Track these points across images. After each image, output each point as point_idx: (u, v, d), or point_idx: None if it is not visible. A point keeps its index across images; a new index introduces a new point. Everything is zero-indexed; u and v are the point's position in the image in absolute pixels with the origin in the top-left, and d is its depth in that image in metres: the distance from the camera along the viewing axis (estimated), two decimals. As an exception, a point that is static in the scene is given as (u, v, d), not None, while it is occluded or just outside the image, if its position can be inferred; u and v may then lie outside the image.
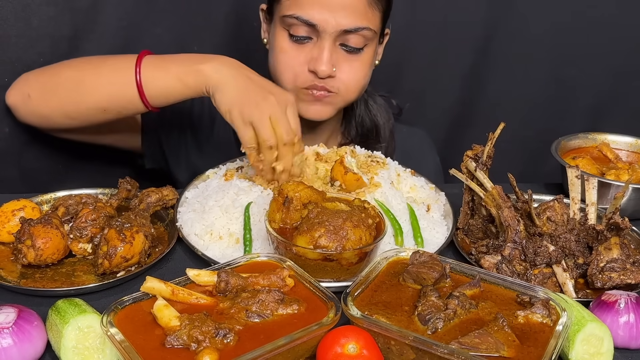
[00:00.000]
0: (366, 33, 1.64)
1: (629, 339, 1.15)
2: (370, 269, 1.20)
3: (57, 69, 1.63)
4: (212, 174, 1.62)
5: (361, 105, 1.92)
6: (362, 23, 1.62)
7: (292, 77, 1.68)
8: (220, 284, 1.10)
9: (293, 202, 1.28)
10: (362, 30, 1.62)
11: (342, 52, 1.66)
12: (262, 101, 1.41)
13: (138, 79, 1.50)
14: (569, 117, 2.54)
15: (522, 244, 1.32)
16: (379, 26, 1.69)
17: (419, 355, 1.04)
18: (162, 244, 1.41)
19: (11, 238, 1.33)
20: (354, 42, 1.64)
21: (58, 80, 1.60)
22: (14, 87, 1.65)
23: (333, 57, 1.64)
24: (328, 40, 1.62)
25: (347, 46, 1.65)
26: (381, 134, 1.93)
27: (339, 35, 1.62)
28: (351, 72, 1.68)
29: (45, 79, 1.63)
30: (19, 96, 1.64)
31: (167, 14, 2.04)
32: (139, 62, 1.51)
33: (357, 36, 1.63)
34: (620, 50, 2.45)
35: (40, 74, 1.64)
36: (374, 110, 1.94)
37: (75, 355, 1.02)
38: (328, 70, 1.63)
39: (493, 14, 2.36)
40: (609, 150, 1.83)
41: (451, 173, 1.44)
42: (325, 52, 1.62)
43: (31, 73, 1.66)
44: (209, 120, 1.91)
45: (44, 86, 1.61)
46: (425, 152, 2.05)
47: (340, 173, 1.44)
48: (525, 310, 1.10)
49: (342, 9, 1.59)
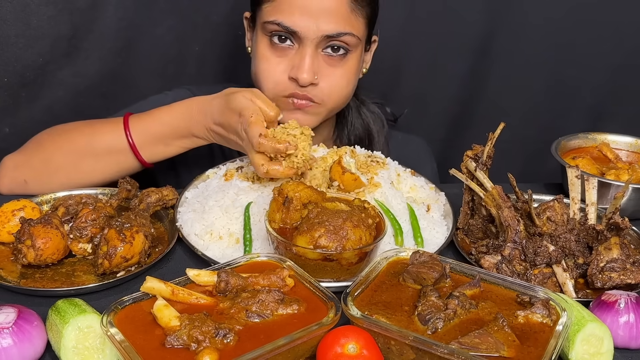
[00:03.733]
0: (349, 39, 1.60)
1: (629, 339, 1.15)
2: (370, 269, 1.20)
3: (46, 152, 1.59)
4: (212, 174, 1.62)
5: (353, 113, 1.89)
6: (345, 28, 1.58)
7: (272, 85, 1.64)
8: (220, 284, 1.10)
9: (293, 202, 1.28)
10: (345, 36, 1.59)
11: (325, 60, 1.62)
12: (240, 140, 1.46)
13: (140, 159, 1.57)
14: (569, 117, 2.54)
15: (522, 244, 1.32)
16: (363, 33, 1.65)
17: (419, 355, 1.04)
18: (162, 244, 1.41)
19: (11, 238, 1.33)
20: (336, 49, 1.61)
21: (52, 166, 1.58)
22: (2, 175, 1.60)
23: (315, 64, 1.60)
24: (310, 46, 1.59)
25: (329, 53, 1.62)
26: (374, 141, 1.91)
27: (321, 42, 1.59)
28: (334, 80, 1.64)
29: (37, 165, 1.59)
30: (14, 184, 1.60)
31: (168, 14, 2.04)
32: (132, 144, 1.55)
33: (339, 42, 1.60)
34: (620, 50, 2.45)
35: (29, 159, 1.60)
36: (367, 118, 1.91)
37: (75, 355, 1.02)
38: (309, 78, 1.59)
39: (493, 14, 2.36)
40: (609, 150, 1.83)
41: (451, 173, 1.44)
42: (307, 59, 1.59)
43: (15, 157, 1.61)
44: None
45: (40, 173, 1.59)
46: (421, 159, 2.02)
47: (338, 173, 1.44)
48: (525, 310, 1.10)
49: (324, 14, 1.56)
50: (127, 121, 1.56)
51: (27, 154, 1.61)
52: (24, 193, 1.57)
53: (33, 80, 1.90)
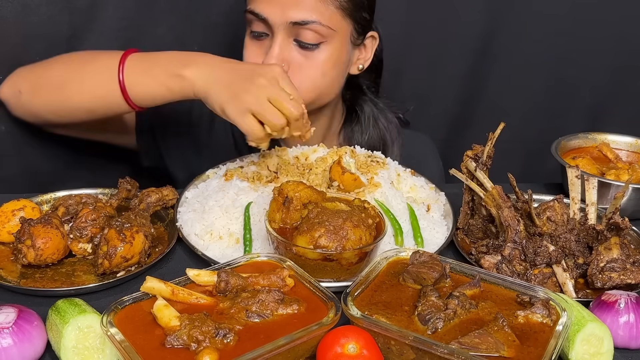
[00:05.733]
0: (318, 27, 1.58)
1: (629, 339, 1.15)
2: (370, 269, 1.20)
3: (47, 65, 1.62)
4: (212, 174, 1.62)
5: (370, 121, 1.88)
6: (311, 17, 1.57)
7: None
8: (220, 284, 1.10)
9: (293, 202, 1.28)
10: (312, 24, 1.57)
11: (297, 50, 1.62)
12: (252, 86, 1.36)
13: (122, 82, 1.48)
14: (569, 117, 2.54)
15: (522, 244, 1.32)
16: (337, 23, 1.62)
17: (419, 355, 1.04)
18: (162, 244, 1.41)
19: (11, 238, 1.33)
20: (307, 38, 1.60)
21: (46, 77, 1.59)
22: (6, 81, 1.65)
23: (285, 53, 1.60)
24: (280, 35, 1.59)
25: (300, 42, 1.60)
26: (388, 151, 1.88)
27: (291, 30, 1.58)
28: (304, 70, 1.62)
29: (35, 75, 1.62)
30: (10, 92, 1.64)
31: (168, 14, 2.04)
32: (122, 64, 1.49)
33: (309, 32, 1.59)
34: (620, 50, 2.45)
35: (32, 70, 1.64)
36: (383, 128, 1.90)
37: (75, 355, 1.02)
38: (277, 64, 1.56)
39: (493, 14, 2.36)
40: (609, 150, 1.83)
41: (451, 173, 1.44)
42: (275, 47, 1.59)
43: (24, 68, 1.65)
44: (209, 120, 1.91)
45: (34, 83, 1.61)
46: (428, 157, 2.02)
47: (337, 173, 1.44)
48: (525, 310, 1.10)
49: (291, 2, 1.56)
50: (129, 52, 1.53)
51: (34, 65, 1.65)
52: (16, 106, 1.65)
53: None
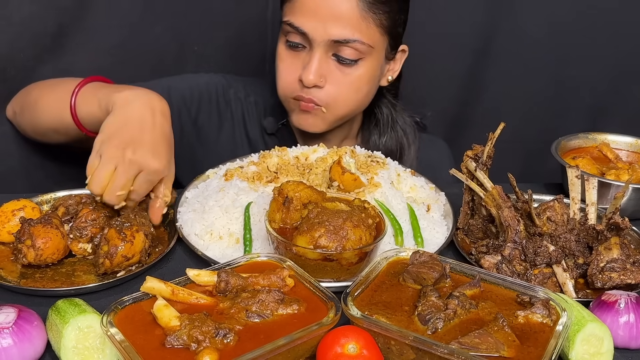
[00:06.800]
0: (358, 46, 1.60)
1: (629, 339, 1.15)
2: (370, 269, 1.20)
3: (31, 87, 1.69)
4: (212, 174, 1.62)
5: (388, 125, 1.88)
6: (353, 35, 1.58)
7: (284, 84, 1.68)
8: (220, 284, 1.10)
9: (293, 202, 1.28)
10: (354, 43, 1.59)
11: (335, 65, 1.63)
12: (127, 149, 1.28)
13: (73, 105, 1.48)
14: (569, 117, 2.54)
15: (522, 244, 1.32)
16: (377, 41, 1.64)
17: (419, 355, 1.04)
18: (162, 244, 1.41)
19: (11, 238, 1.33)
20: (346, 54, 1.61)
21: (26, 99, 1.66)
22: (11, 102, 1.73)
23: (323, 67, 1.62)
24: (319, 50, 1.60)
25: (339, 57, 1.62)
26: (404, 156, 1.89)
27: (331, 46, 1.60)
28: (340, 85, 1.64)
29: (21, 97, 1.69)
30: (10, 111, 1.73)
31: (167, 14, 2.04)
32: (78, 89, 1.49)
33: (349, 48, 1.60)
34: (620, 50, 2.45)
35: (24, 91, 1.71)
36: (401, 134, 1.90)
37: (75, 355, 1.02)
38: (315, 79, 1.60)
39: (493, 14, 2.36)
40: (609, 150, 1.83)
41: (451, 173, 1.44)
42: (314, 61, 1.60)
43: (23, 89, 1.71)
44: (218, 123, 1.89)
45: (20, 104, 1.69)
46: (444, 161, 2.02)
47: (337, 173, 1.44)
48: (525, 310, 1.10)
49: (333, 19, 1.57)
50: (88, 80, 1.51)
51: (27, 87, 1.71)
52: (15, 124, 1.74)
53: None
